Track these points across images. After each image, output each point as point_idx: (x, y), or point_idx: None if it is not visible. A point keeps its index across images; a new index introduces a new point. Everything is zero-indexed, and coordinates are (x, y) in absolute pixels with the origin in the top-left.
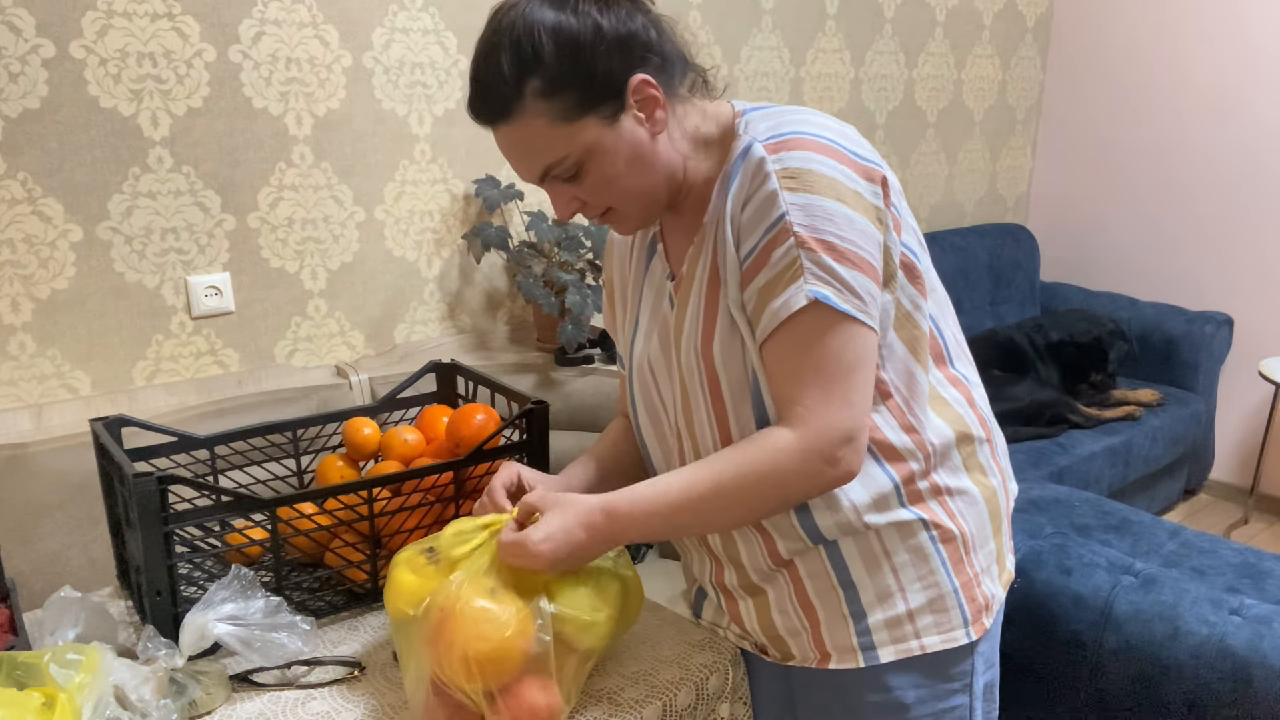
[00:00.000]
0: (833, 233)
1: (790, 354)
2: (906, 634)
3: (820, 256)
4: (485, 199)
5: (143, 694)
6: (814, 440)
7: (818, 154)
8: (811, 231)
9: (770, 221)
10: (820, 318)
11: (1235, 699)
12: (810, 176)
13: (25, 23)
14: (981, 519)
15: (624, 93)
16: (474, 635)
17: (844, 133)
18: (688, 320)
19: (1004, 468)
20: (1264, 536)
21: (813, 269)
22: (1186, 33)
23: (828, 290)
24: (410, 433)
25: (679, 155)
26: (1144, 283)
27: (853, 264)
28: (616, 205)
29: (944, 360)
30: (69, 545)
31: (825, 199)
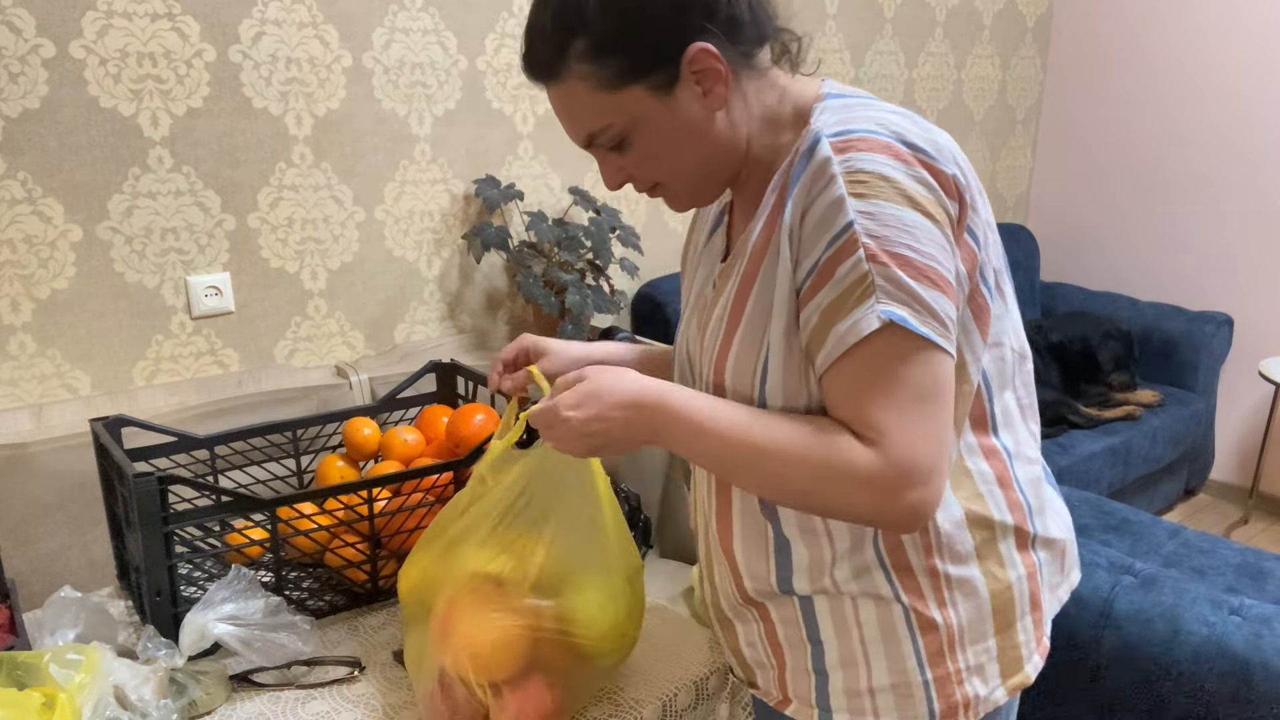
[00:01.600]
0: (908, 245)
1: (862, 378)
2: (864, 708)
3: (894, 272)
4: (485, 199)
5: (143, 694)
6: (893, 472)
7: (890, 157)
8: (883, 244)
9: (835, 231)
10: (895, 342)
11: (1235, 699)
12: (881, 181)
13: (25, 23)
14: (981, 613)
15: (679, 62)
16: (480, 627)
17: (929, 136)
18: (714, 317)
19: (1037, 561)
20: (1264, 536)
21: (886, 286)
22: (1186, 33)
23: (904, 311)
24: (410, 433)
25: (742, 133)
26: (1144, 283)
27: (931, 282)
28: (665, 182)
29: (985, 427)
30: (69, 545)
31: (899, 206)
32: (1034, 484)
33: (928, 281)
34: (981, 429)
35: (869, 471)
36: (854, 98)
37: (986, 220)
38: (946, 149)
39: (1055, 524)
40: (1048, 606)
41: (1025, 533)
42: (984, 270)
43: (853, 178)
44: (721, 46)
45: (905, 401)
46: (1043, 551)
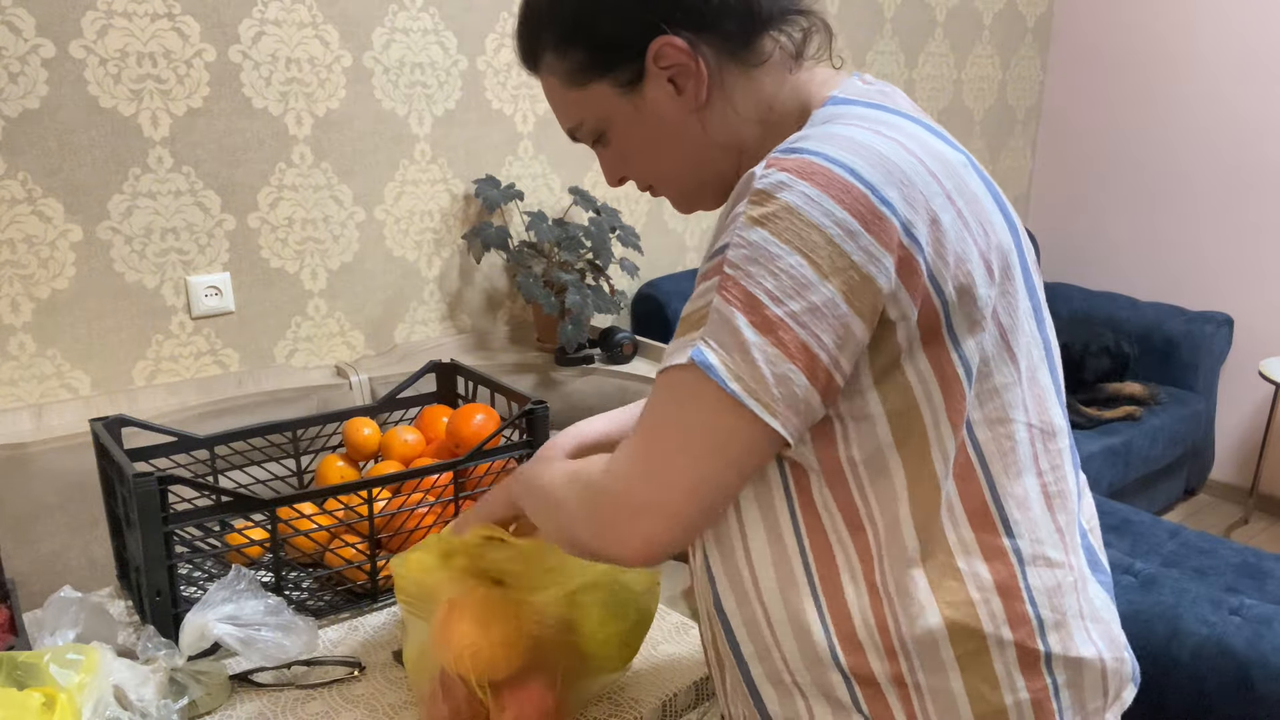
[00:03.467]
0: (769, 291)
1: (653, 402)
2: None
3: (733, 315)
4: (485, 199)
5: (143, 694)
6: (607, 491)
7: (815, 187)
8: (743, 278)
9: (719, 246)
10: (694, 383)
11: (1235, 699)
12: (785, 214)
13: (25, 23)
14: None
15: (644, 57)
16: (481, 626)
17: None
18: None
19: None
20: (1264, 536)
21: (716, 325)
22: (1186, 33)
23: (717, 360)
24: (410, 433)
25: (733, 136)
26: (1144, 283)
27: (777, 342)
28: (653, 184)
29: (990, 522)
30: (69, 545)
31: (788, 249)
32: (1052, 593)
33: (772, 339)
34: (985, 525)
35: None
36: (857, 104)
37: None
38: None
39: (1085, 640)
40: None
41: (1032, 650)
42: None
43: (759, 197)
44: (694, 41)
45: (669, 437)
46: (1062, 674)
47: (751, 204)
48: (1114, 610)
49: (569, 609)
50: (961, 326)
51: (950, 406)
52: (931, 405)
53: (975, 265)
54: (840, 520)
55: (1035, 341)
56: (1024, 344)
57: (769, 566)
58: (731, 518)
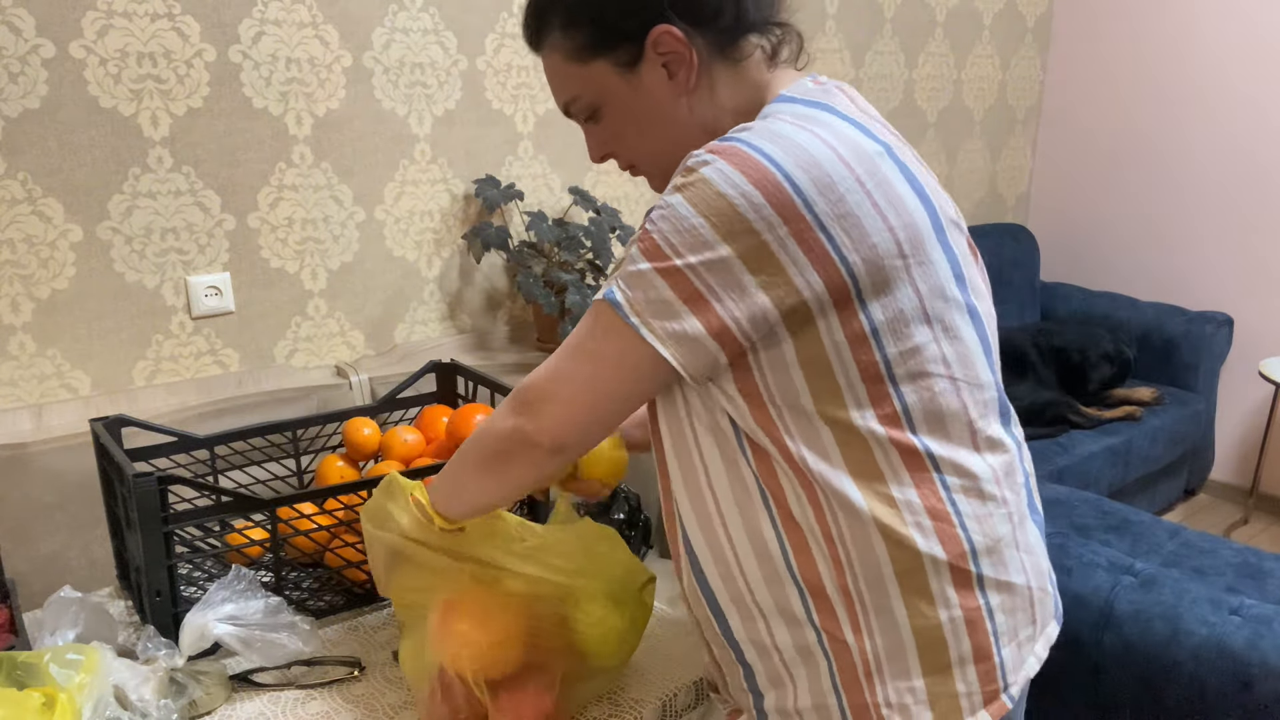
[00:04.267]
0: (673, 245)
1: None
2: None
3: (639, 259)
4: (485, 199)
5: (143, 694)
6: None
7: (730, 165)
8: (655, 234)
9: (647, 212)
10: (602, 315)
11: (1235, 699)
12: (702, 183)
13: (25, 23)
14: (902, 648)
15: (643, 41)
16: (479, 626)
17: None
18: None
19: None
20: (1264, 536)
21: (627, 269)
22: (1186, 33)
23: (622, 297)
24: (410, 433)
25: (710, 122)
26: (1144, 283)
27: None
28: (636, 162)
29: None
30: (69, 545)
31: (693, 209)
32: (983, 520)
33: (672, 284)
34: (913, 463)
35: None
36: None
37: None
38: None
39: (1017, 568)
40: (1006, 659)
41: (964, 570)
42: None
43: (685, 172)
44: (689, 32)
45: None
46: (995, 595)
47: (678, 176)
48: (1044, 547)
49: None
50: (869, 292)
51: (858, 359)
52: (840, 358)
53: (882, 239)
54: (778, 454)
55: (958, 305)
56: (941, 308)
57: (728, 491)
58: (695, 457)
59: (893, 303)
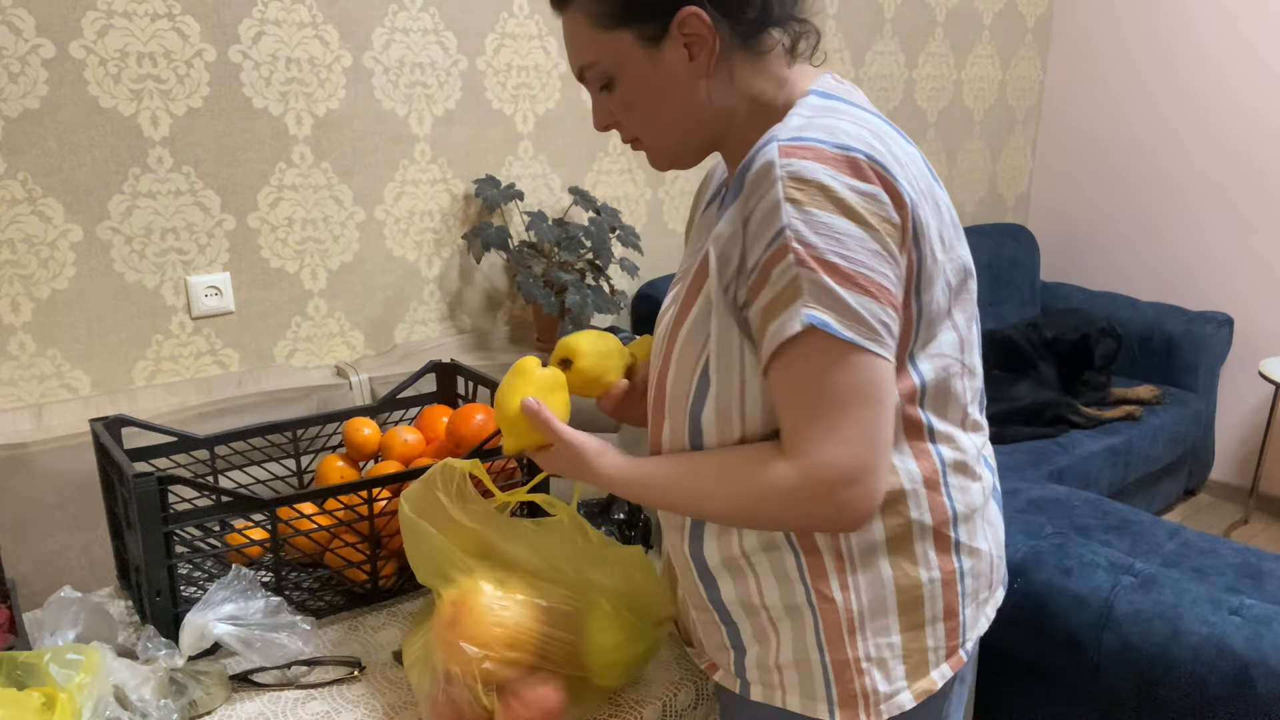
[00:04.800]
0: (837, 252)
1: (790, 382)
2: (774, 682)
3: (821, 278)
4: (485, 199)
5: (143, 694)
6: (812, 484)
7: (830, 168)
8: (812, 251)
9: (771, 234)
10: (819, 345)
11: (1235, 699)
12: (818, 190)
13: (25, 23)
14: (884, 605)
15: (670, 20)
16: (486, 628)
17: (886, 149)
18: (672, 296)
19: (958, 568)
20: (1264, 536)
21: (812, 290)
22: (1186, 33)
23: (828, 316)
24: (410, 433)
25: (723, 108)
26: (1144, 283)
27: (860, 288)
28: (642, 136)
29: (921, 433)
30: (69, 545)
31: (832, 215)
32: (965, 492)
33: (855, 288)
34: (917, 434)
35: (792, 485)
36: (836, 100)
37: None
38: (904, 163)
39: (983, 537)
40: (967, 617)
41: (946, 537)
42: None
43: (792, 183)
44: (716, 19)
45: (827, 408)
46: (967, 560)
47: (789, 186)
48: (1002, 521)
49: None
50: (923, 282)
51: (901, 343)
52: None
53: (934, 235)
54: None
55: (968, 296)
56: (960, 298)
57: None
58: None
59: (932, 290)
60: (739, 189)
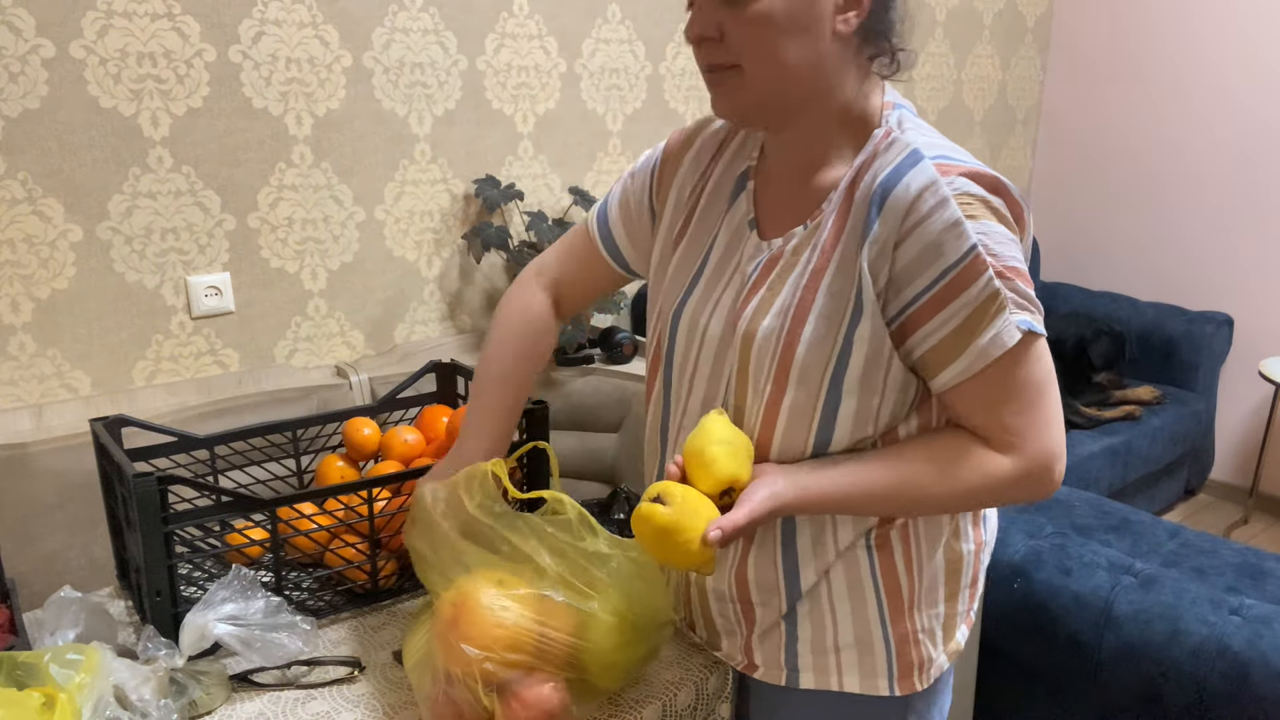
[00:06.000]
0: (1013, 257)
1: (1000, 387)
2: (828, 666)
3: (1016, 284)
4: (485, 199)
5: (143, 694)
6: (1037, 468)
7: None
8: (1001, 261)
9: (959, 254)
10: (1029, 347)
11: (1235, 699)
12: (982, 204)
13: (25, 23)
14: (936, 579)
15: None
16: (486, 629)
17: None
18: (774, 309)
19: (985, 539)
20: (1264, 536)
21: (1015, 298)
22: (1186, 32)
23: (1031, 318)
24: (410, 433)
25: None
26: (1144, 283)
27: (1029, 283)
28: (745, 66)
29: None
30: (69, 545)
31: (997, 224)
32: None
33: (1031, 285)
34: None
35: (1017, 474)
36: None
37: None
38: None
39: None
40: (982, 581)
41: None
42: None
43: (963, 200)
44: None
45: (1033, 399)
46: (986, 531)
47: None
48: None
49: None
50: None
51: None
52: None
53: None
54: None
55: None
56: None
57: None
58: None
59: None
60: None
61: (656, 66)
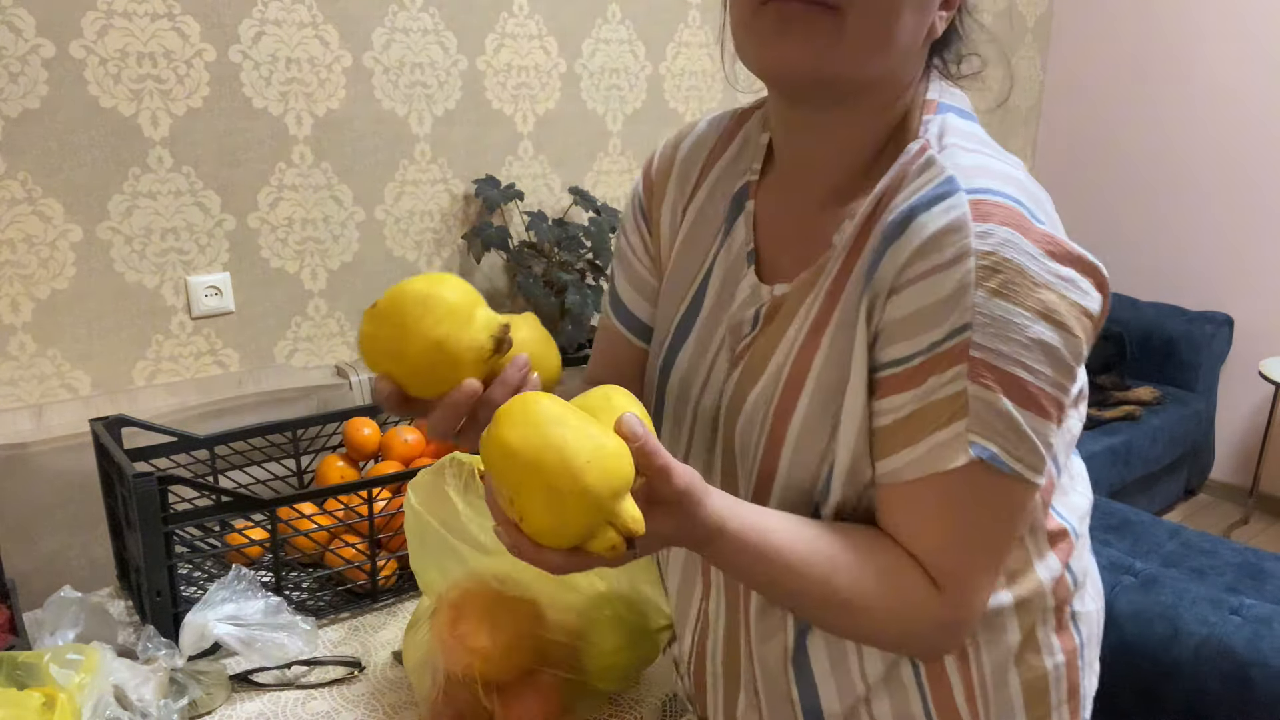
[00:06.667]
0: (1024, 364)
1: (939, 508)
2: None
3: (997, 399)
4: (485, 199)
5: (143, 694)
6: (959, 613)
7: (1031, 242)
8: (995, 359)
9: (948, 328)
10: (979, 478)
11: (1235, 699)
12: (1019, 278)
13: (25, 23)
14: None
15: None
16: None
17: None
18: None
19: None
20: (1264, 536)
21: (981, 413)
22: (1186, 32)
23: (995, 446)
24: (410, 433)
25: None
26: (1144, 283)
27: (1040, 409)
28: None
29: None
30: (69, 545)
31: (1028, 316)
32: (1080, 553)
33: (1034, 410)
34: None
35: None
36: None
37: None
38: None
39: (1093, 593)
40: (1087, 687)
41: (1066, 612)
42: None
43: (987, 262)
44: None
45: (978, 542)
46: (1083, 628)
47: (981, 269)
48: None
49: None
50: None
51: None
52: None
53: None
54: None
55: None
56: None
57: None
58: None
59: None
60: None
61: (656, 66)
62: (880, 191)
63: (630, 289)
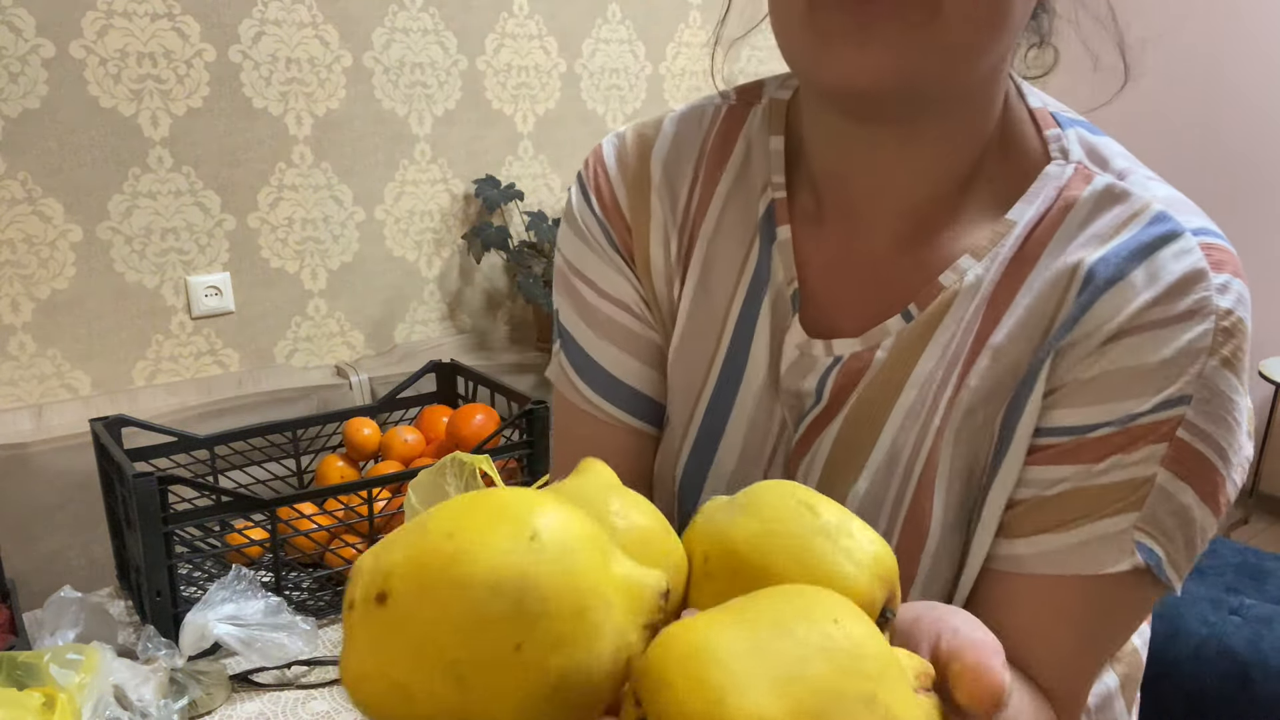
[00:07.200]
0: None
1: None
2: None
3: (1184, 493)
4: (485, 199)
5: (143, 694)
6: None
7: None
8: (1200, 442)
9: (1157, 400)
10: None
11: (1235, 699)
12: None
13: (25, 23)
14: None
15: None
16: None
17: None
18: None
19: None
20: (1264, 536)
21: (1158, 508)
22: (1186, 33)
23: (1161, 553)
24: (410, 433)
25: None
26: None
27: (1215, 509)
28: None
29: None
30: (69, 545)
31: (1242, 388)
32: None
33: (1212, 506)
34: None
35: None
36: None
37: None
38: None
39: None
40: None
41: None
42: None
43: (1227, 323)
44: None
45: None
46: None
47: (1220, 334)
48: None
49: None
50: None
51: None
52: None
53: None
54: None
55: None
56: None
57: None
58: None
59: None
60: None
61: (656, 66)
62: (1032, 220)
63: (625, 356)
